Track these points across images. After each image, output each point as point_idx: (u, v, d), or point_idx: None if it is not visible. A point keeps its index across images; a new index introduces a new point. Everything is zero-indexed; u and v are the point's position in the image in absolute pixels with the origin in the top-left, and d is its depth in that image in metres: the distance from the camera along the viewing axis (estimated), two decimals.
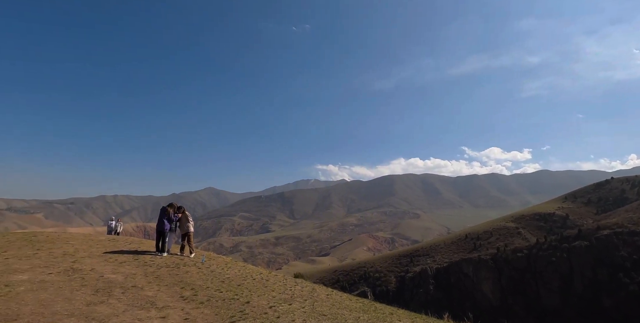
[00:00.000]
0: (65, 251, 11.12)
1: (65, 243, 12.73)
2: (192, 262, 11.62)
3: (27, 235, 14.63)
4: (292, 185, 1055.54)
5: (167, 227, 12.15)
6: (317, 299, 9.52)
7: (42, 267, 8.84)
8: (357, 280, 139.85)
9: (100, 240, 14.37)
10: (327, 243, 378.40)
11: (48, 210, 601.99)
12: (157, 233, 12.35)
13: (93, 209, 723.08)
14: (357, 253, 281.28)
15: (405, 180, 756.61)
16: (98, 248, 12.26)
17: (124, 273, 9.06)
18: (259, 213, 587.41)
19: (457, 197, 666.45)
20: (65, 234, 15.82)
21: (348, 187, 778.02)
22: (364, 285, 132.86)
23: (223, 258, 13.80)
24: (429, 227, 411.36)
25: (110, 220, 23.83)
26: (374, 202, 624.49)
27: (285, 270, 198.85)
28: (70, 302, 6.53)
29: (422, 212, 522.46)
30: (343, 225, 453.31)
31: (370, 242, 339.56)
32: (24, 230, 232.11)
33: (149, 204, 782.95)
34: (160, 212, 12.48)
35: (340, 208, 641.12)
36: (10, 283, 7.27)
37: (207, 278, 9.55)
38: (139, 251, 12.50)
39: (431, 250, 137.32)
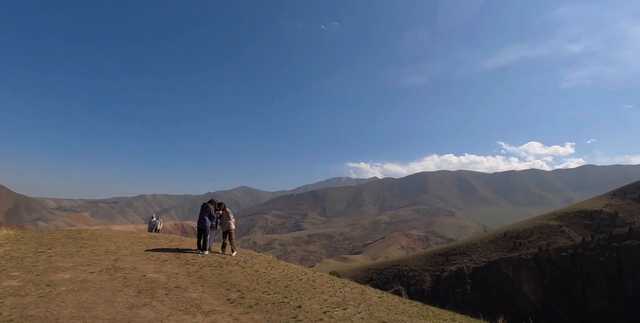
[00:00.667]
0: (108, 249, 10.88)
1: (108, 241, 12.60)
2: (235, 260, 11.07)
3: (72, 232, 14.70)
4: (324, 183, 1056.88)
5: (208, 224, 11.67)
6: (371, 303, 8.69)
7: (84, 265, 8.52)
8: (390, 278, 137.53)
9: (141, 238, 14.18)
10: (359, 241, 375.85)
11: (93, 209, 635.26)
12: (198, 231, 11.90)
13: (134, 208, 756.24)
14: (390, 251, 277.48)
15: (439, 177, 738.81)
16: (140, 246, 12.00)
17: (166, 272, 8.59)
18: (291, 211, 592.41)
19: (493, 194, 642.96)
20: (108, 232, 15.84)
21: (380, 184, 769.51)
22: (398, 283, 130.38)
23: (265, 257, 13.24)
24: (465, 225, 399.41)
25: (152, 218, 23.98)
26: (407, 200, 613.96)
27: (318, 267, 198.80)
28: (112, 304, 6.03)
29: (456, 209, 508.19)
30: (375, 223, 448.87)
31: (404, 240, 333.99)
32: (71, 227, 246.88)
33: (186, 203, 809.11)
34: (200, 208, 12.01)
35: (372, 206, 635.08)
36: (52, 283, 6.91)
37: (253, 279, 8.93)
38: (180, 249, 12.13)
39: (468, 248, 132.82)
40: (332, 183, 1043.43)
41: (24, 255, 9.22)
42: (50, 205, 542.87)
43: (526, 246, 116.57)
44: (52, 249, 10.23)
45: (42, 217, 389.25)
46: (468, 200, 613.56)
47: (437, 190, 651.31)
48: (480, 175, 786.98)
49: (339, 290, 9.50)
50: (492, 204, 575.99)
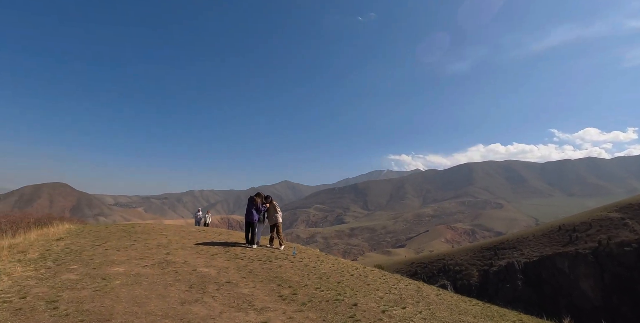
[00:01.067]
0: (160, 242, 11.04)
1: (160, 235, 12.87)
2: (283, 254, 10.85)
3: (126, 226, 15.23)
4: (365, 177, 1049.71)
5: (255, 218, 11.47)
6: (430, 301, 8.07)
7: (137, 259, 8.60)
8: (435, 272, 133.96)
9: (191, 232, 14.38)
10: (402, 234, 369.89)
11: (147, 205, 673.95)
12: (245, 225, 11.76)
13: (183, 203, 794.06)
14: (434, 245, 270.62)
15: (485, 167, 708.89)
16: (190, 240, 12.09)
17: (216, 266, 8.47)
18: (333, 204, 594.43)
19: (546, 185, 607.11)
20: (160, 225, 16.30)
21: (423, 176, 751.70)
22: (444, 278, 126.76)
23: (313, 251, 12.97)
24: (514, 217, 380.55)
25: (197, 212, 24.39)
26: (452, 192, 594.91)
27: (361, 261, 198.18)
28: (164, 299, 5.89)
29: (505, 201, 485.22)
30: (418, 216, 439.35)
31: (449, 234, 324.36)
32: (127, 221, 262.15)
33: (231, 198, 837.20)
34: (248, 202, 11.85)
35: (415, 199, 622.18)
36: (107, 277, 6.94)
37: (303, 274, 8.61)
38: (228, 243, 12.09)
39: (518, 242, 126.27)
40: (373, 176, 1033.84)
41: (82, 249, 9.50)
42: (108, 202, 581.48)
43: (584, 240, 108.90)
44: (108, 243, 10.52)
45: (101, 213, 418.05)
46: (518, 191, 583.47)
47: (483, 181, 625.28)
48: (530, 165, 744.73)
49: (393, 286, 8.95)
50: (544, 196, 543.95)
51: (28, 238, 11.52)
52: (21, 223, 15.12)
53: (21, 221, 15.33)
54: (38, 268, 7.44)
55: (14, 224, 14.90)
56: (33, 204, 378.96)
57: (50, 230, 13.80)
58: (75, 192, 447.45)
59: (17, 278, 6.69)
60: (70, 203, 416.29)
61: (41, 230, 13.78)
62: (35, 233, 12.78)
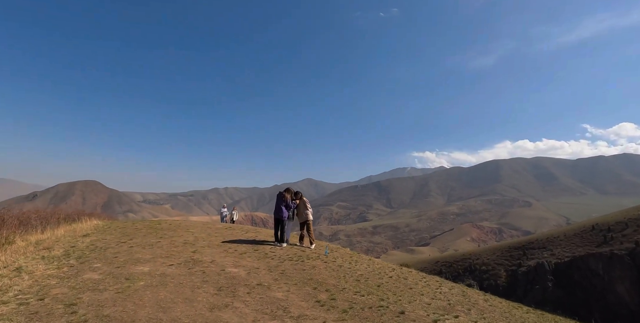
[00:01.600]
0: (186, 240, 10.61)
1: (186, 231, 12.49)
2: (315, 254, 10.16)
3: (152, 223, 15.01)
4: (388, 174, 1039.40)
5: (285, 215, 10.79)
6: (482, 308, 7.23)
7: (163, 257, 8.12)
8: (461, 272, 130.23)
9: (217, 229, 13.97)
10: (426, 232, 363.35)
11: (174, 202, 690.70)
12: (274, 222, 11.12)
13: (208, 200, 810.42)
14: (459, 243, 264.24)
15: (512, 164, 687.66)
16: (216, 237, 11.62)
17: (245, 266, 7.87)
18: (356, 202, 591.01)
19: (577, 183, 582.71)
20: (186, 222, 16.04)
21: (447, 174, 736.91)
22: (469, 278, 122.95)
23: (345, 250, 12.25)
24: (544, 216, 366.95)
25: (223, 208, 23.99)
26: (477, 190, 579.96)
27: (384, 259, 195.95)
28: (191, 303, 5.32)
29: (534, 200, 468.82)
30: (443, 214, 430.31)
31: (474, 232, 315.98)
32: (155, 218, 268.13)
33: (255, 195, 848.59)
34: (277, 198, 11.17)
35: (440, 197, 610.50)
36: (131, 276, 6.46)
37: (339, 276, 7.88)
38: (256, 241, 11.52)
39: (548, 242, 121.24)
40: (396, 173, 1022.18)
41: (107, 246, 9.15)
42: (137, 199, 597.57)
43: (619, 240, 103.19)
44: (134, 240, 10.17)
45: (131, 209, 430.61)
46: (547, 189, 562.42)
47: (511, 179, 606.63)
48: (561, 161, 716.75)
49: (437, 290, 8.14)
50: (576, 194, 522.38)
51: (55, 234, 11.34)
52: (51, 219, 15.16)
53: (51, 217, 15.31)
54: (61, 266, 7.06)
55: (44, 220, 14.93)
56: (67, 201, 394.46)
57: (78, 226, 13.71)
58: (107, 190, 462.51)
59: (38, 277, 6.30)
60: (101, 200, 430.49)
61: (69, 226, 13.72)
62: (63, 229, 12.66)
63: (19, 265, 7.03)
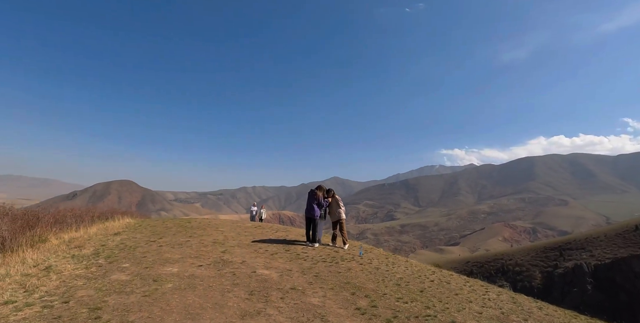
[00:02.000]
0: (215, 239, 10.35)
1: (215, 230, 12.29)
2: (349, 255, 9.60)
3: (182, 221, 14.95)
4: (416, 172, 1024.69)
5: (317, 214, 10.25)
6: (538, 318, 6.42)
7: (192, 258, 7.83)
8: (493, 273, 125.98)
9: (247, 228, 13.72)
10: (455, 232, 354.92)
11: (203, 200, 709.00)
12: (306, 221, 10.61)
13: (237, 199, 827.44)
14: (490, 243, 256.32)
15: (547, 161, 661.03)
16: (246, 236, 11.31)
17: (277, 268, 7.45)
18: (383, 201, 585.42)
19: (618, 180, 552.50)
20: (216, 220, 15.91)
21: (477, 171, 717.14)
22: (502, 279, 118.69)
23: (379, 250, 11.67)
24: (581, 215, 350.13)
25: (252, 206, 23.75)
26: (510, 188, 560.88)
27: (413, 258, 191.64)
28: (221, 309, 4.90)
29: (571, 198, 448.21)
30: (473, 213, 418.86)
31: (507, 232, 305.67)
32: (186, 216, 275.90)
33: (282, 194, 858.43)
34: (308, 196, 10.63)
35: (470, 195, 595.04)
36: (159, 278, 6.14)
37: (377, 280, 7.31)
38: (287, 240, 11.12)
39: (587, 243, 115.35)
40: (424, 171, 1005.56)
41: (136, 245, 9.00)
42: (169, 197, 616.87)
43: None
44: (163, 239, 10.00)
45: (163, 208, 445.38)
46: (585, 187, 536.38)
47: (545, 176, 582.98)
48: (600, 158, 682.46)
49: (484, 296, 7.40)
50: (616, 192, 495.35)
51: (88, 232, 11.38)
52: (85, 217, 15.38)
53: (86, 215, 15.53)
54: (89, 265, 6.88)
55: (78, 218, 15.15)
56: (104, 200, 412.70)
57: (110, 224, 13.79)
58: (140, 189, 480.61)
59: (66, 277, 6.11)
60: (135, 199, 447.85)
61: (102, 224, 13.83)
62: (96, 227, 12.74)
63: (49, 264, 6.92)
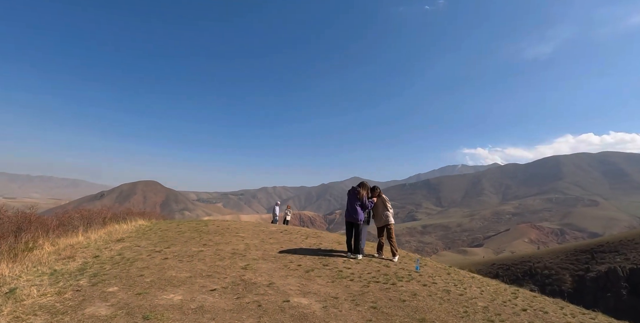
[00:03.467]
0: (235, 249, 8.45)
1: (235, 236, 10.42)
2: (403, 270, 7.52)
3: (199, 224, 13.24)
4: (438, 172, 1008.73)
5: (360, 218, 8.05)
6: None
7: (203, 277, 5.89)
8: (520, 276, 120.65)
9: (271, 233, 11.81)
10: (479, 233, 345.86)
11: (225, 200, 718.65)
12: (346, 226, 8.33)
13: (258, 199, 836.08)
14: (516, 245, 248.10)
15: (575, 160, 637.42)
16: (272, 245, 9.36)
17: (318, 294, 5.45)
18: (404, 201, 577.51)
19: None
20: (236, 224, 14.10)
21: (501, 171, 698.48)
22: (530, 282, 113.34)
23: (435, 263, 9.51)
24: (614, 217, 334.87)
25: (275, 206, 21.37)
26: (535, 188, 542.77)
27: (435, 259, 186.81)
28: None
29: (601, 198, 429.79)
30: (497, 214, 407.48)
31: (533, 233, 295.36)
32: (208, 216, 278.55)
33: (302, 194, 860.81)
34: (348, 196, 8.41)
35: (493, 195, 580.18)
36: (152, 313, 4.23)
37: (458, 311, 5.24)
38: (322, 250, 9.04)
39: (621, 245, 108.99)
40: (446, 171, 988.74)
41: (136, 257, 7.17)
42: (192, 197, 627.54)
43: None
44: (171, 248, 8.12)
45: (186, 208, 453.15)
46: (617, 187, 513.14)
47: (574, 176, 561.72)
48: (633, 156, 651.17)
49: None
50: None
51: (89, 237, 9.75)
52: (96, 219, 13.84)
53: (97, 216, 13.99)
54: (64, 289, 5.04)
55: (86, 220, 13.63)
56: (130, 200, 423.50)
57: (119, 227, 12.17)
58: (164, 189, 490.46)
59: (25, 309, 4.29)
60: (160, 199, 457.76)
61: (107, 227, 12.19)
62: (101, 231, 11.13)
63: (14, 285, 5.17)
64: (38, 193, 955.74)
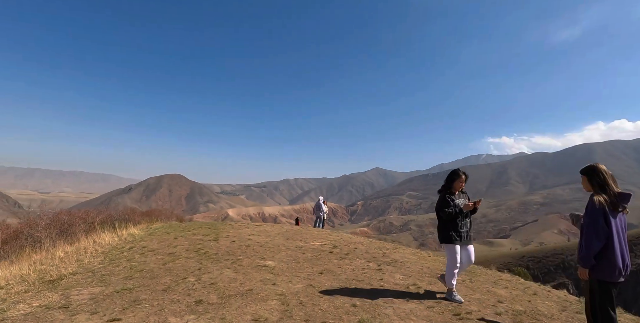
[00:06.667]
0: (264, 278, 5.49)
1: (257, 267, 6.39)
2: None
3: (207, 235, 9.90)
4: (461, 162, 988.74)
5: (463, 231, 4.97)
6: None
7: None
8: (552, 269, 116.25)
9: (317, 254, 7.78)
10: (506, 224, 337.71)
11: (248, 192, 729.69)
12: (443, 235, 5.04)
13: (280, 191, 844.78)
14: (544, 236, 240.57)
15: (608, 148, 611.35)
16: (326, 278, 5.76)
17: None
18: (427, 191, 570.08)
19: None
20: (260, 236, 10.20)
21: (528, 160, 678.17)
22: (563, 276, 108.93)
23: None
24: None
25: (320, 202, 16.14)
26: (565, 177, 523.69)
27: None
28: None
29: (636, 188, 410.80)
30: (524, 204, 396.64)
31: (563, 224, 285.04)
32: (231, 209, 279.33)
33: (324, 185, 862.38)
34: (448, 181, 5.25)
35: (520, 185, 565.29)
36: None
37: None
38: (422, 295, 4.93)
39: None
40: (470, 161, 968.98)
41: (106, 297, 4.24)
42: (215, 190, 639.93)
43: None
44: (153, 286, 4.94)
45: (210, 200, 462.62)
46: None
47: (606, 164, 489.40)
48: None
49: None
50: None
51: (54, 255, 7.07)
52: (77, 225, 9.75)
53: (97, 218, 11.04)
54: None
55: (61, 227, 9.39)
56: (156, 193, 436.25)
57: (87, 244, 8.64)
58: (189, 182, 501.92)
59: None
60: (185, 192, 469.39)
61: (83, 241, 8.79)
62: (59, 251, 7.61)
63: None
64: (70, 188, 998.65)
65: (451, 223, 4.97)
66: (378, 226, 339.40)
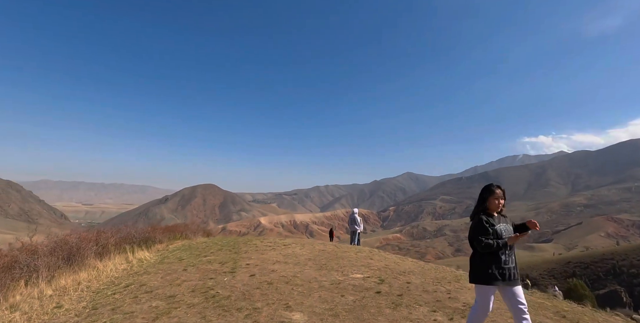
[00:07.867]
0: None
1: (287, 284, 6.05)
2: None
3: (225, 262, 8.73)
4: (496, 163, 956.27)
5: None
6: None
7: None
8: (602, 275, 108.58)
9: (358, 289, 6.25)
10: (547, 227, 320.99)
11: (279, 200, 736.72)
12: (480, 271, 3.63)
13: (310, 198, 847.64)
14: (590, 240, 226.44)
15: None
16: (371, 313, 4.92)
17: None
18: (461, 195, 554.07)
19: None
20: (287, 249, 9.99)
21: (569, 159, 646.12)
22: (614, 282, 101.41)
23: None
24: None
25: (355, 214, 15.40)
26: (610, 176, 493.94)
27: None
28: None
29: None
30: (567, 206, 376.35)
31: (610, 227, 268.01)
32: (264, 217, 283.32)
33: (354, 192, 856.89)
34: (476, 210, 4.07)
35: (561, 186, 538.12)
36: None
37: None
38: None
39: None
40: (506, 162, 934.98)
41: None
42: (248, 199, 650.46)
43: None
44: None
45: (243, 209, 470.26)
46: None
47: None
48: None
49: None
50: None
51: (45, 293, 6.10)
52: (86, 249, 8.36)
53: (110, 238, 9.83)
54: None
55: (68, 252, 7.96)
56: (191, 203, 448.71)
57: (108, 266, 8.11)
58: (222, 191, 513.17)
59: None
60: (218, 201, 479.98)
61: (81, 272, 7.47)
62: (85, 273, 7.32)
63: None
64: (111, 199, 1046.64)
65: (490, 256, 3.62)
66: (411, 231, 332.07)
